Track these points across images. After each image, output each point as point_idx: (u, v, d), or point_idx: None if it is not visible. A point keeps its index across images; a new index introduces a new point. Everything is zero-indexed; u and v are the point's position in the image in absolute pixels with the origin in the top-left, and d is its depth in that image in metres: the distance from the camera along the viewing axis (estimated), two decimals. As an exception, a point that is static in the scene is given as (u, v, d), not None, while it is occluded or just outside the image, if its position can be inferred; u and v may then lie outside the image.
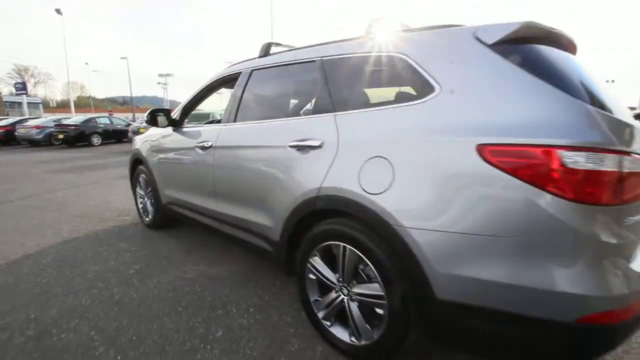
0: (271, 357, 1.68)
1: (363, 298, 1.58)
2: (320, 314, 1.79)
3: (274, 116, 2.13)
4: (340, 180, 1.57)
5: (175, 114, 3.00)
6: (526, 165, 1.11)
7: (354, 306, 1.63)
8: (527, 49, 1.32)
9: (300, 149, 1.80)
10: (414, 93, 1.49)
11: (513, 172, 1.13)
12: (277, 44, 2.39)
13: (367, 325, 1.59)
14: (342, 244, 1.61)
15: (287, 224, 1.87)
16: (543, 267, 1.11)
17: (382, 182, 1.42)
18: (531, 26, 1.31)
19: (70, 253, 2.98)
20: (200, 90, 2.91)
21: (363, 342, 1.60)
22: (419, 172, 1.34)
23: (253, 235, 2.20)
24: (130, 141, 12.78)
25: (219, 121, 2.66)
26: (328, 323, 1.76)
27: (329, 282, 1.73)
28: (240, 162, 2.20)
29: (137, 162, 3.68)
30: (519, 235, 1.12)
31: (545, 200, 1.09)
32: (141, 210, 3.73)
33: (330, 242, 1.67)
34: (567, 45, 1.49)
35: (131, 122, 17.75)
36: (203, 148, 2.53)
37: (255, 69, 2.35)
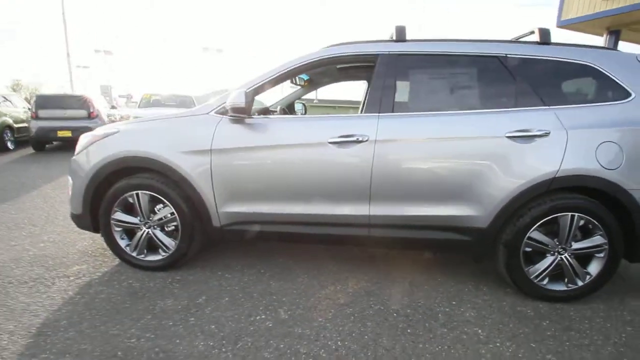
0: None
1: (584, 251, 2.05)
2: (535, 278, 2.11)
3: (460, 107, 2.10)
4: (581, 162, 1.94)
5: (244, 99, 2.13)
6: None
7: (572, 260, 2.07)
8: None
9: (519, 138, 1.99)
10: (608, 94, 2.06)
11: None
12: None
13: (583, 270, 2.08)
14: (570, 213, 2.00)
15: (506, 209, 2.02)
16: None
17: (616, 161, 1.94)
18: None
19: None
20: (284, 72, 2.23)
21: (580, 284, 2.09)
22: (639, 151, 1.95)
23: (437, 231, 2.13)
24: None
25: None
26: (544, 282, 2.12)
27: (546, 249, 2.07)
28: (430, 156, 2.06)
29: (116, 174, 2.28)
30: None
31: None
32: (129, 248, 2.36)
33: (556, 215, 2.01)
34: None
35: None
36: (345, 144, 2.07)
37: (405, 55, 2.16)
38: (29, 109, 9.30)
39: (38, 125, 8.22)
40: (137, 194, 2.27)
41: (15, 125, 8.96)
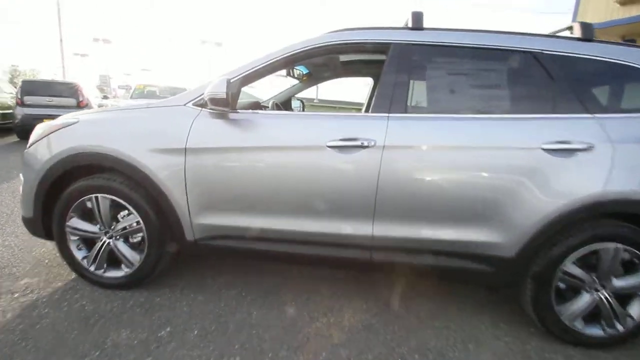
0: None
1: (626, 290, 1.71)
2: (567, 319, 1.76)
3: (487, 110, 1.75)
4: (630, 184, 1.60)
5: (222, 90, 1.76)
6: None
7: (611, 300, 1.73)
8: None
9: (557, 151, 1.64)
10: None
11: None
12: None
13: (624, 311, 1.74)
14: (613, 244, 1.65)
15: (538, 235, 1.67)
16: None
17: None
18: None
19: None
20: (278, 59, 1.87)
21: (620, 328, 1.74)
22: None
23: (453, 258, 1.78)
24: None
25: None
26: (577, 324, 1.77)
27: (582, 285, 1.73)
28: (448, 168, 1.71)
29: (73, 172, 1.92)
30: None
31: None
32: (87, 261, 2.00)
33: (597, 245, 1.67)
34: None
35: None
36: (347, 149, 1.72)
37: (422, 45, 1.81)
38: (16, 94, 8.89)
39: (23, 112, 7.82)
40: (97, 198, 1.91)
41: (0, 112, 8.55)
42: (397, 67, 1.79)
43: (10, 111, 8.57)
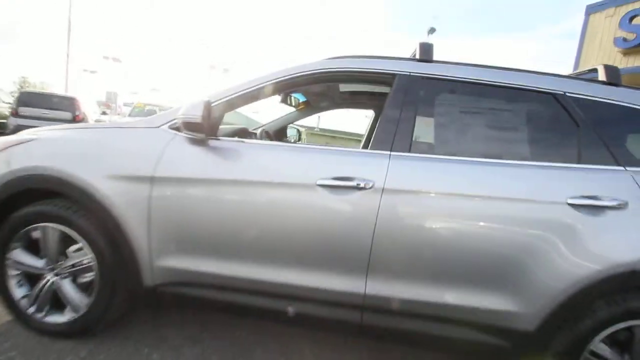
0: None
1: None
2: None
3: (503, 155, 1.52)
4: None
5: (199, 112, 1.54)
6: None
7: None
8: None
9: (585, 208, 1.40)
10: None
11: None
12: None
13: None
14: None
15: (562, 307, 1.39)
16: None
17: None
18: None
19: None
20: (269, 84, 1.67)
21: None
22: None
23: (459, 327, 1.49)
24: None
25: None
26: None
27: (615, 371, 1.43)
28: (459, 220, 1.46)
29: (21, 195, 1.65)
30: None
31: None
32: (26, 301, 1.68)
33: (632, 322, 1.39)
34: None
35: None
36: (340, 189, 1.47)
37: (431, 79, 1.62)
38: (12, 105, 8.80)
39: (17, 123, 7.67)
40: (45, 228, 1.63)
41: (-6, 121, 8.40)
42: (402, 101, 1.59)
43: (5, 121, 8.43)
